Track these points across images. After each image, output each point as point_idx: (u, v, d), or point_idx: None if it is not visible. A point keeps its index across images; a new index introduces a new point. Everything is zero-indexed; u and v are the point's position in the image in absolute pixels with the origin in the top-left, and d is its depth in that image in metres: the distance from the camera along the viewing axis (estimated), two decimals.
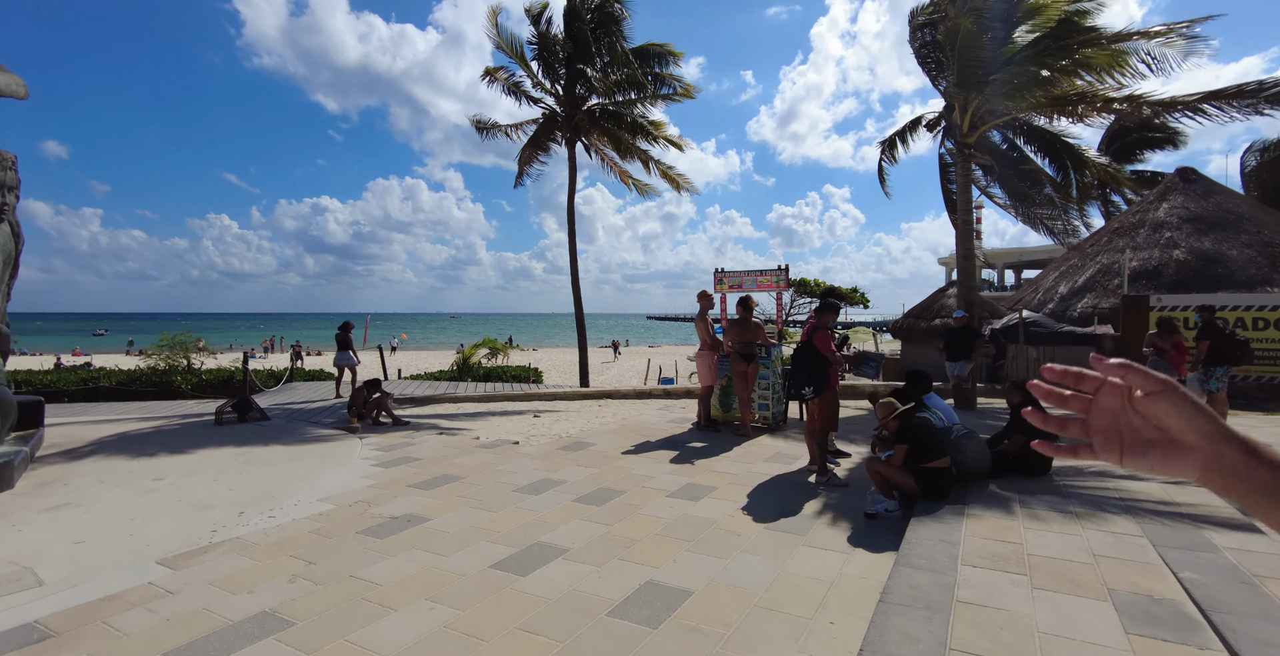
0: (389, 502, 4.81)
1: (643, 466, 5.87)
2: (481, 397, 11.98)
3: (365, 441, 7.23)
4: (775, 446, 6.74)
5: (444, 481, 5.42)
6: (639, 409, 10.26)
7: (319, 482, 5.42)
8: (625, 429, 7.82)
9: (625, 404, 11.21)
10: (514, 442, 7.06)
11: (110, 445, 7.06)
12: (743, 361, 7.03)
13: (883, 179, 17.72)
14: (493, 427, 8.42)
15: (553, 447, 6.76)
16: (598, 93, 13.57)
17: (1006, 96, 9.18)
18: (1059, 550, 3.38)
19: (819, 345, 5.22)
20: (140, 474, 5.71)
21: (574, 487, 5.18)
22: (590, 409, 10.65)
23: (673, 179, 14.24)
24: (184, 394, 14.26)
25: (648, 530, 4.15)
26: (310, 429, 8.22)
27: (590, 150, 15.36)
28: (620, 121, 13.28)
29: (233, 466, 6.01)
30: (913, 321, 17.56)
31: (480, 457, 6.30)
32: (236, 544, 3.96)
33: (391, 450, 6.71)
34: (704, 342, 7.56)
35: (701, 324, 7.51)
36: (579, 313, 14.81)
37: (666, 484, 5.26)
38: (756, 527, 4.20)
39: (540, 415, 9.71)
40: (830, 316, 5.39)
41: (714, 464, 5.96)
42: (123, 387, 14.24)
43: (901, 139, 17.25)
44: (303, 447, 6.90)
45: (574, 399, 12.20)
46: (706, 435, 7.34)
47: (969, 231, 10.73)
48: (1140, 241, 18.19)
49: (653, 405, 10.81)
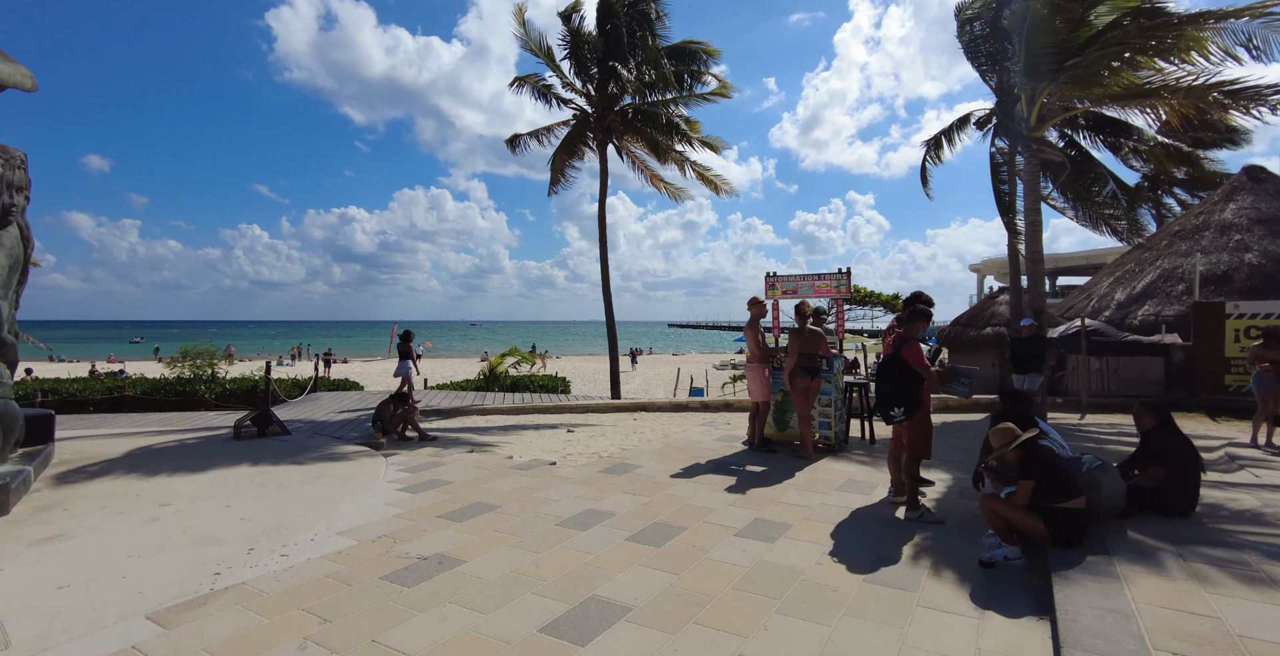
0: (417, 538, 4.21)
1: (699, 495, 5.19)
2: (510, 410, 11.42)
3: (390, 460, 6.68)
4: (843, 472, 6.01)
5: (477, 511, 4.81)
6: (679, 424, 9.58)
7: (339, 511, 4.85)
8: (670, 448, 7.15)
9: (662, 418, 10.55)
10: (550, 463, 6.43)
11: (122, 463, 6.60)
12: (805, 375, 6.33)
13: (925, 179, 16.87)
14: (525, 444, 7.82)
15: (594, 470, 6.12)
16: (630, 93, 13.04)
17: (1081, 84, 8.39)
18: (1277, 629, 2.63)
19: (910, 359, 4.51)
20: (147, 498, 5.20)
21: (625, 521, 4.53)
22: (625, 423, 10.02)
23: (709, 180, 13.59)
24: (207, 404, 13.96)
25: (722, 582, 3.47)
26: (332, 445, 7.70)
27: (621, 153, 14.81)
28: (655, 122, 12.70)
29: (247, 490, 5.48)
30: (961, 330, 16.61)
31: (515, 481, 5.69)
32: (242, 592, 3.38)
33: (418, 471, 6.14)
34: (754, 354, 6.87)
35: (752, 333, 6.83)
36: (610, 321, 14.21)
37: (731, 518, 4.58)
38: (854, 580, 3.49)
39: (574, 430, 9.10)
40: (921, 325, 4.68)
41: (779, 493, 5.26)
42: (147, 397, 14.00)
43: (948, 138, 16.41)
44: (323, 467, 6.36)
45: (606, 411, 11.58)
46: (762, 457, 6.63)
47: (1036, 232, 9.89)
48: (1206, 245, 17.02)
49: (692, 420, 10.13)
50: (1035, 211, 9.85)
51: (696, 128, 12.74)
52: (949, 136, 16.37)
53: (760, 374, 6.80)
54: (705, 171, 13.62)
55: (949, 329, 17.46)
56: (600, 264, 14.01)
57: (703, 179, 13.61)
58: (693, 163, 13.54)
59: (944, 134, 16.43)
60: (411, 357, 11.87)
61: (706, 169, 13.56)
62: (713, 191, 13.74)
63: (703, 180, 13.63)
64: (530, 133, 13.87)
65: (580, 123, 13.39)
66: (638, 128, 12.88)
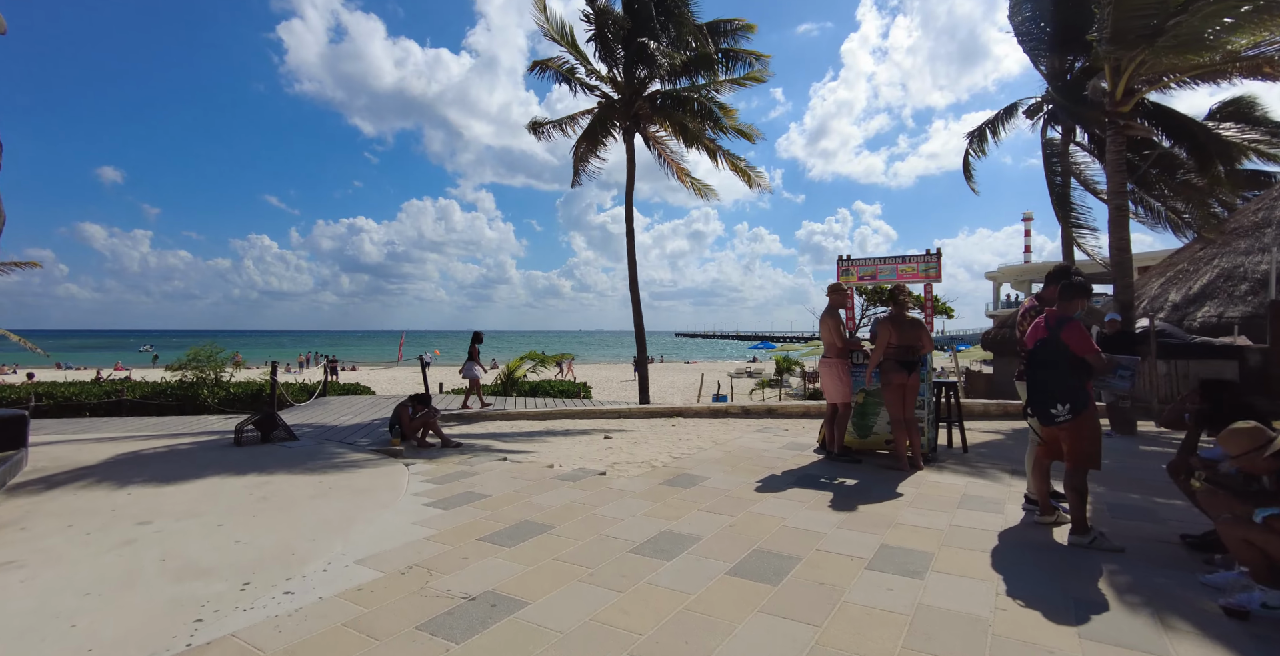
0: (458, 569, 3.28)
1: (794, 514, 4.24)
2: (536, 414, 10.50)
3: (413, 469, 5.76)
4: (953, 486, 5.05)
5: (528, 532, 3.88)
6: (726, 430, 8.63)
7: (357, 531, 3.93)
8: (733, 457, 6.19)
9: (702, 424, 9.60)
10: (599, 473, 5.50)
11: (103, 470, 5.71)
12: (901, 370, 5.39)
13: (969, 173, 15.97)
14: (562, 451, 6.90)
15: (653, 482, 5.18)
16: (659, 77, 12.22)
17: (1184, 50, 7.47)
18: None
19: (1073, 342, 3.57)
20: (124, 514, 4.30)
21: (716, 548, 3.59)
22: (663, 429, 9.08)
23: (743, 172, 12.72)
24: (210, 408, 13.12)
25: (885, 638, 2.52)
26: (345, 452, 6.80)
27: (650, 143, 13.99)
28: (686, 106, 11.86)
29: (245, 504, 4.57)
30: (1007, 332, 15.60)
31: (565, 494, 4.76)
32: (230, 649, 2.46)
33: (448, 482, 5.22)
34: (832, 348, 5.93)
35: (833, 323, 5.90)
36: (638, 320, 13.32)
37: (850, 545, 3.63)
38: (1067, 636, 2.54)
39: (612, 436, 8.16)
40: (1080, 302, 3.75)
41: (892, 512, 4.30)
42: (146, 401, 13.17)
43: (992, 129, 15.51)
44: (336, 477, 5.45)
45: (640, 416, 10.64)
46: (847, 468, 5.67)
47: (1123, 218, 8.92)
48: (1270, 241, 15.96)
49: (736, 426, 9.18)
50: (1121, 195, 8.89)
51: (733, 115, 11.89)
52: (994, 128, 15.46)
53: (839, 371, 5.86)
54: (738, 161, 12.74)
55: (994, 332, 16.43)
56: (628, 260, 13.14)
57: (736, 170, 12.73)
58: (725, 152, 12.68)
59: (988, 125, 15.53)
60: (478, 359, 11.39)
61: (739, 159, 12.68)
62: (745, 183, 12.85)
63: (736, 171, 12.74)
64: (553, 121, 13.07)
65: (605, 109, 12.57)
66: (668, 112, 12.02)
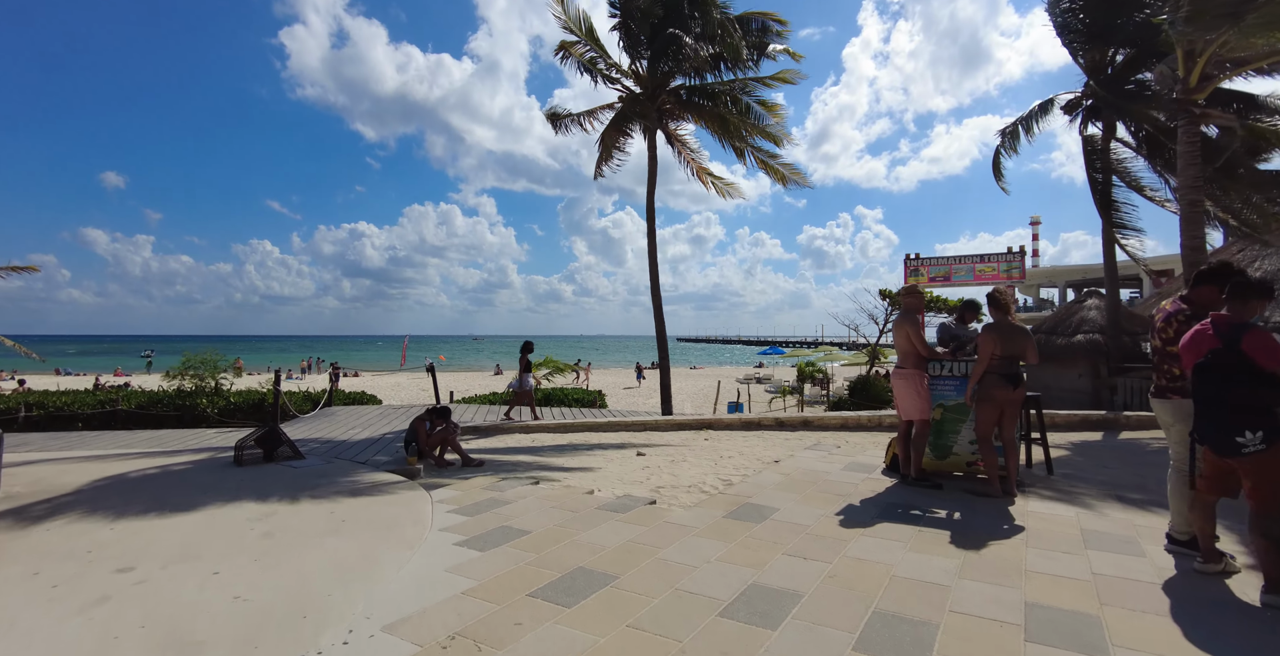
0: (511, 641, 2.61)
1: (899, 558, 3.56)
2: (557, 427, 9.83)
3: (437, 495, 5.09)
4: (1063, 518, 4.36)
5: (587, 584, 3.21)
6: (767, 445, 7.95)
7: (381, 581, 3.26)
8: (794, 482, 5.51)
9: (736, 438, 8.93)
10: (649, 502, 4.82)
11: (86, 498, 5.05)
12: (1005, 385, 4.71)
13: (999, 172, 15.35)
14: (597, 472, 6.24)
15: (714, 513, 4.50)
16: (685, 71, 11.60)
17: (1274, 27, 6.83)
18: None
19: (1261, 354, 2.91)
20: (103, 557, 3.64)
21: (825, 609, 2.91)
22: (697, 444, 8.41)
23: (776, 170, 12.07)
24: (209, 419, 12.46)
25: None
26: (357, 472, 6.13)
27: (672, 141, 13.37)
28: (718, 100, 11.21)
29: (247, 543, 3.91)
30: (1044, 337, 14.92)
31: (617, 531, 4.08)
32: None
33: (478, 512, 4.55)
34: (910, 357, 5.26)
35: (912, 330, 5.23)
36: (660, 327, 12.65)
37: (986, 603, 2.95)
38: None
39: (645, 453, 7.49)
40: (1258, 305, 3.09)
41: (1012, 554, 3.62)
42: (142, 411, 12.52)
43: (1026, 126, 14.89)
44: (350, 506, 4.78)
45: (668, 429, 9.96)
46: (930, 495, 4.99)
47: (1197, 215, 8.26)
48: None
49: (775, 441, 8.51)
50: (1195, 190, 8.22)
51: (777, 110, 11.23)
52: (1027, 125, 14.85)
53: (917, 384, 5.19)
54: (769, 159, 12.10)
55: None
56: (649, 262, 12.48)
57: (767, 168, 12.09)
58: (755, 149, 12.05)
59: (1022, 123, 14.91)
60: (530, 370, 10.94)
61: (773, 156, 12.04)
62: (778, 182, 12.21)
63: (767, 170, 12.10)
64: (573, 114, 12.45)
65: (629, 101, 11.94)
66: (696, 106, 11.38)
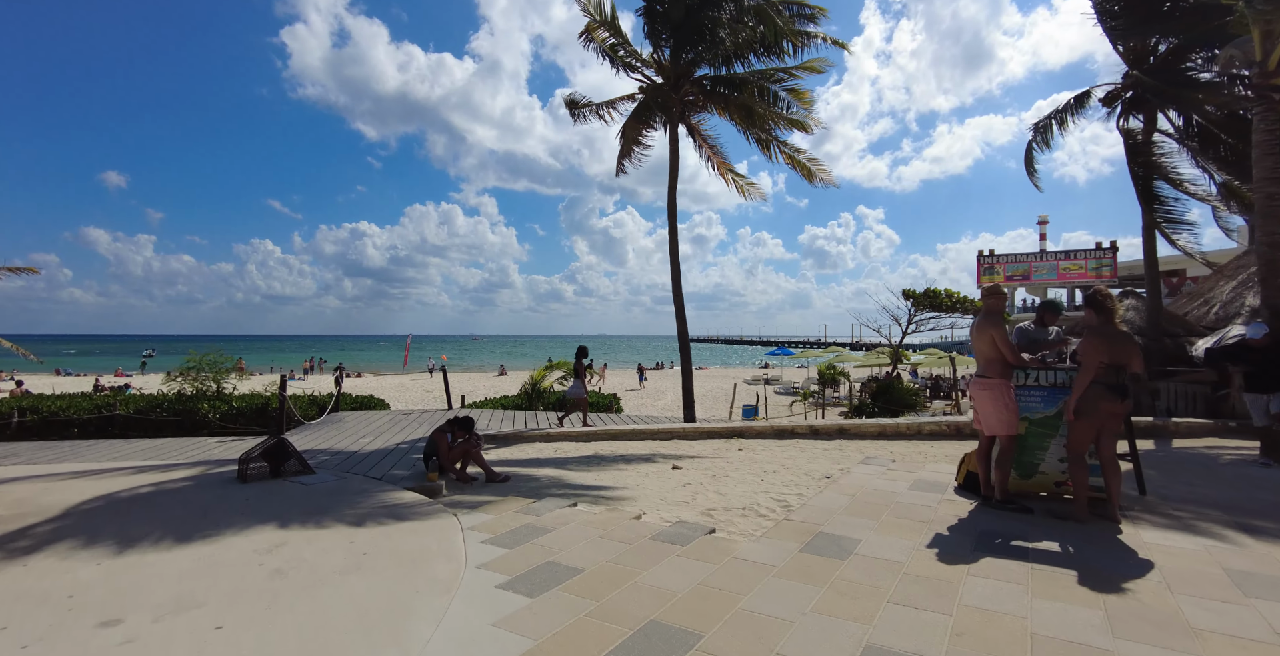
0: None
1: (1029, 608, 3.00)
2: (580, 435, 9.28)
3: (466, 520, 4.53)
4: (1190, 551, 3.79)
5: (667, 648, 2.64)
6: (808, 456, 7.40)
7: (415, 640, 2.70)
8: (861, 504, 4.94)
9: (772, 447, 8.37)
10: (708, 531, 4.26)
11: (71, 525, 4.50)
12: (1114, 397, 4.15)
13: (1031, 167, 14.77)
14: (637, 489, 5.70)
15: (787, 545, 3.93)
16: (712, 59, 11.02)
17: None
18: None
19: None
20: (85, 605, 3.08)
21: None
22: (733, 455, 7.87)
23: (802, 165, 11.50)
24: (211, 425, 11.91)
25: None
26: (374, 490, 5.58)
27: (694, 135, 12.81)
28: (745, 90, 10.64)
29: (254, 584, 3.35)
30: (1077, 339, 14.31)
31: (682, 569, 3.52)
32: None
33: (517, 543, 3.99)
34: (994, 365, 4.70)
35: (998, 334, 4.66)
36: (681, 326, 12.09)
37: None
38: None
39: (681, 466, 6.94)
40: None
41: (1161, 603, 3.06)
42: (141, 417, 11.97)
43: (1060, 120, 14.30)
44: (371, 535, 4.23)
45: (696, 437, 9.41)
46: (1022, 521, 4.42)
47: (1275, 208, 7.67)
48: None
49: (813, 451, 7.96)
50: (1274, 181, 7.64)
51: (806, 98, 10.63)
52: (1061, 119, 14.26)
53: (1003, 395, 4.63)
54: (795, 154, 11.54)
55: None
56: (670, 261, 11.93)
57: (794, 163, 11.52)
58: (781, 143, 11.48)
59: (1056, 116, 14.31)
60: (584, 376, 10.62)
61: (797, 151, 11.47)
62: (804, 178, 11.65)
63: (794, 164, 11.54)
64: (592, 104, 11.89)
65: (652, 91, 11.36)
66: (723, 96, 10.80)
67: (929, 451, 7.89)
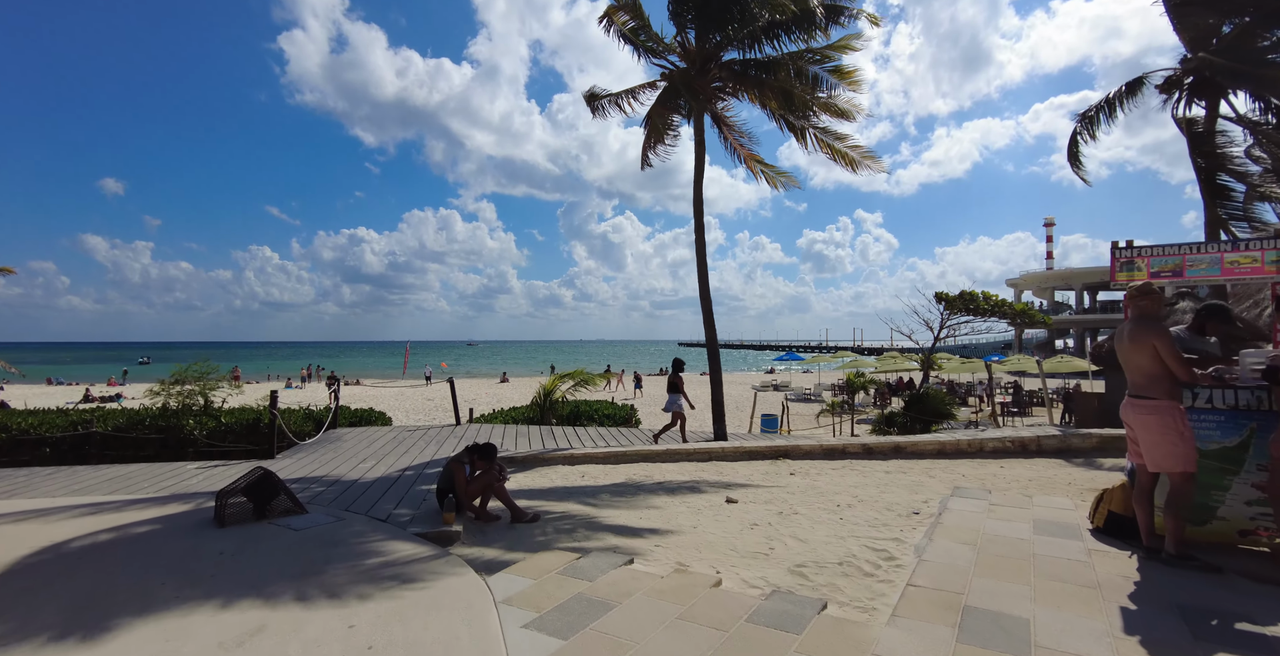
0: None
1: None
2: (605, 456, 8.28)
3: (498, 586, 3.54)
4: None
5: None
6: (882, 485, 6.42)
7: None
8: (994, 559, 3.95)
9: (828, 471, 7.40)
10: (819, 607, 3.26)
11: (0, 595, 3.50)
12: None
13: (1078, 160, 13.87)
14: (693, 533, 4.73)
15: (937, 632, 2.94)
16: (740, 39, 10.09)
17: None
18: None
19: None
20: None
21: None
22: (785, 480, 6.92)
23: (842, 153, 10.55)
24: (196, 443, 10.88)
25: None
26: (378, 538, 4.58)
27: (720, 124, 11.88)
28: (779, 71, 9.68)
29: None
30: None
31: None
32: None
33: (571, 629, 3.00)
34: (1158, 382, 3.73)
35: (1162, 345, 3.70)
36: (710, 331, 11.13)
37: None
38: None
39: (735, 500, 5.95)
40: None
41: None
42: (121, 435, 10.93)
43: (1108, 109, 13.42)
44: (376, 611, 3.24)
45: (736, 458, 8.41)
46: (1215, 583, 3.44)
47: None
48: None
49: (875, 473, 6.99)
50: None
51: (852, 77, 9.66)
52: (1110, 108, 13.38)
53: (1175, 422, 3.66)
54: (835, 142, 10.58)
55: (1108, 345, 14.19)
56: (697, 261, 10.98)
57: (834, 153, 10.56)
58: (823, 129, 10.51)
59: (1104, 106, 13.42)
60: (683, 390, 9.94)
61: (839, 138, 10.50)
62: (847, 167, 10.69)
63: (834, 154, 10.58)
64: (612, 94, 10.95)
65: (679, 75, 10.42)
66: (754, 79, 9.83)
67: (1006, 474, 6.94)
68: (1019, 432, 9.21)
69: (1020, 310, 15.72)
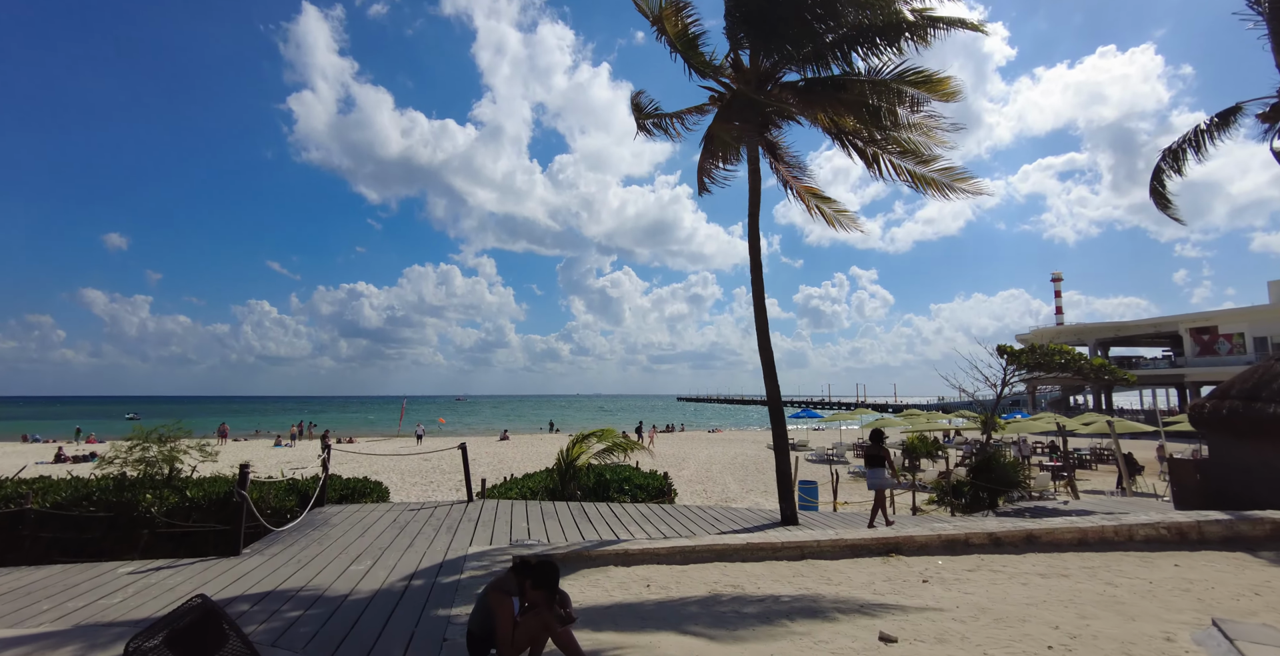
0: None
1: None
2: (669, 553, 6.39)
3: None
4: None
5: None
6: (1085, 604, 4.58)
7: None
8: None
9: (963, 573, 5.58)
10: None
11: None
12: None
13: (1165, 199, 12.66)
14: None
15: None
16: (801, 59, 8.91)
17: None
18: None
19: None
20: None
21: None
22: (914, 587, 5.13)
23: (929, 181, 9.14)
24: (153, 524, 8.92)
25: None
26: None
27: (772, 154, 10.64)
28: (852, 89, 8.39)
29: None
30: (1242, 405, 11.66)
31: None
32: None
33: None
34: None
35: None
36: (771, 386, 9.47)
37: None
38: None
39: (893, 636, 4.10)
40: None
41: None
42: (61, 513, 8.99)
43: (1196, 144, 12.32)
44: None
45: (837, 555, 6.54)
46: None
47: None
48: None
49: (1031, 578, 5.18)
50: None
51: (945, 87, 8.32)
52: (1197, 142, 12.30)
53: None
54: (916, 168, 9.18)
55: (1212, 404, 12.44)
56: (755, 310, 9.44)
57: (921, 182, 9.16)
58: (894, 154, 9.15)
59: (1190, 140, 12.32)
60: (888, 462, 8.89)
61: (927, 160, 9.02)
62: (939, 194, 9.22)
63: (921, 183, 9.16)
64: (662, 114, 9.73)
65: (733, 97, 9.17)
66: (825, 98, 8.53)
67: (1198, 578, 5.19)
68: (1171, 518, 7.40)
69: (1099, 365, 14.04)
